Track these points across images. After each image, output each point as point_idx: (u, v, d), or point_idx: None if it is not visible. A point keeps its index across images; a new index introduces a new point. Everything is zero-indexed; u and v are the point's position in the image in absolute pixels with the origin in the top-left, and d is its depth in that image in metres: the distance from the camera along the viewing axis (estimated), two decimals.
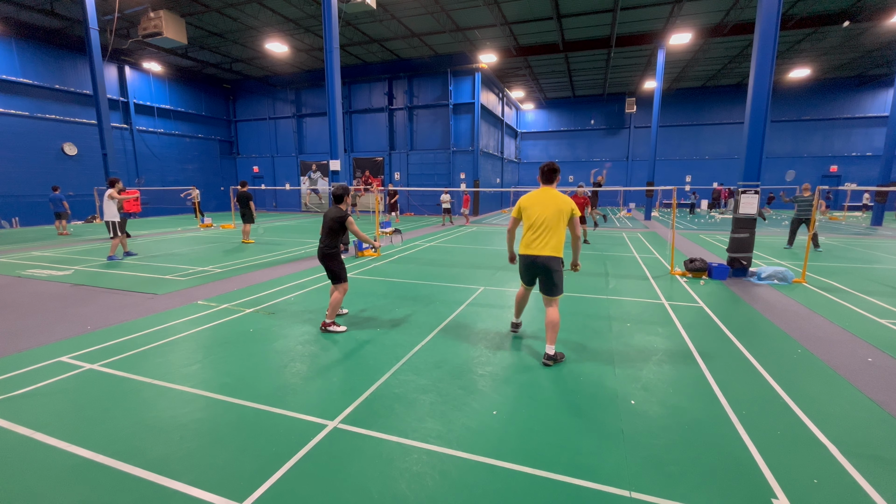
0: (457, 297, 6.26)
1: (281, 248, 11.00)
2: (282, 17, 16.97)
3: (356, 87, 24.37)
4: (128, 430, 2.88)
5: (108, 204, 8.97)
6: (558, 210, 3.63)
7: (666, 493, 2.28)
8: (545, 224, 3.63)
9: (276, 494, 2.28)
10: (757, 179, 7.36)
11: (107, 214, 9.00)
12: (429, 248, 11.07)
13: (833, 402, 3.24)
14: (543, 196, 3.71)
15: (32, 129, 17.67)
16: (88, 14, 12.05)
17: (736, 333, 4.72)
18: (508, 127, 30.05)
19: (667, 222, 18.61)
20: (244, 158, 28.37)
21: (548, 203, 3.67)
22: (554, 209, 3.63)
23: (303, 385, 3.53)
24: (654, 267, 8.51)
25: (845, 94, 26.33)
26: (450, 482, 2.37)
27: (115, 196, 8.97)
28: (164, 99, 23.53)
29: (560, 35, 18.44)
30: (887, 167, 15.99)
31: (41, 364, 3.91)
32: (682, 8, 15.66)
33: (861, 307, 5.70)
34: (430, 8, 15.97)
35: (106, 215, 9.00)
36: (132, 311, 5.53)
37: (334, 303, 4.70)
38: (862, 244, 11.54)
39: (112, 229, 9.10)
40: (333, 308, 4.71)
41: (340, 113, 10.18)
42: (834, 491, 2.30)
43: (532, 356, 4.09)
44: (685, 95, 29.10)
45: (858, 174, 26.28)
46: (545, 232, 3.63)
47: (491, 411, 3.11)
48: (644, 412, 3.09)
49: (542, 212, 3.65)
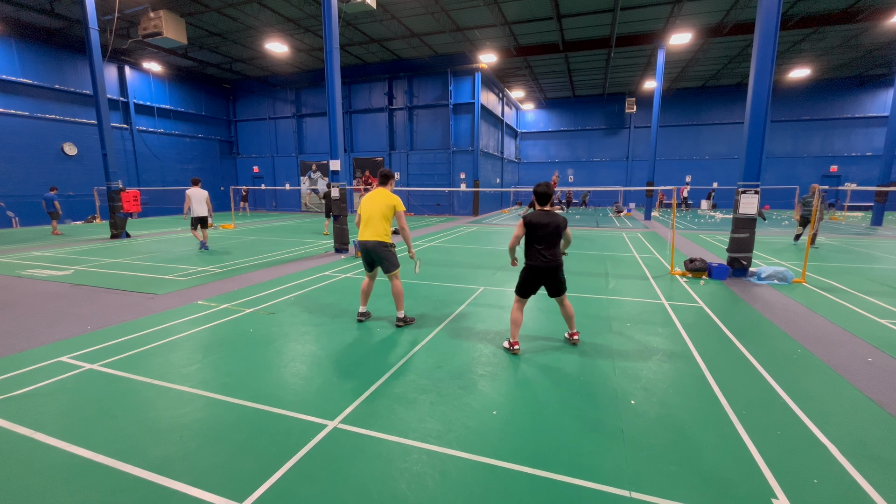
0: (457, 296, 6.26)
1: (284, 247, 10.99)
2: (282, 17, 16.97)
3: (356, 87, 24.37)
4: (128, 430, 2.89)
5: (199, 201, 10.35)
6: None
7: (666, 493, 2.28)
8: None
9: (276, 494, 2.28)
10: (757, 179, 7.36)
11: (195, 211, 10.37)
12: (429, 248, 11.07)
13: (833, 402, 3.23)
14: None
15: (32, 129, 17.66)
16: (88, 14, 12.03)
17: (736, 333, 4.72)
18: (508, 127, 30.04)
19: (667, 222, 18.60)
20: (244, 158, 28.36)
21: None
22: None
23: (303, 385, 3.53)
24: (654, 267, 8.51)
25: (845, 94, 26.32)
26: (450, 482, 2.37)
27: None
28: (164, 99, 23.53)
29: (560, 35, 18.43)
30: (887, 167, 15.98)
31: (41, 364, 3.91)
32: (682, 8, 15.65)
33: (861, 307, 5.70)
34: (430, 8, 15.97)
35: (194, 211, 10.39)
36: (132, 311, 5.53)
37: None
38: (862, 244, 11.54)
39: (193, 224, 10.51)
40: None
41: (340, 113, 10.17)
42: (834, 491, 2.30)
43: (532, 356, 4.10)
44: (685, 95, 29.08)
45: (858, 174, 26.26)
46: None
47: (491, 411, 3.11)
48: (644, 412, 3.09)
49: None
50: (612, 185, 30.62)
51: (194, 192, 10.27)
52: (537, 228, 4.03)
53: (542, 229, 4.02)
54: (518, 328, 4.19)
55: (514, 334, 4.19)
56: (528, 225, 4.06)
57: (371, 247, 4.65)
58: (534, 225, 4.04)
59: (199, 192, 10.38)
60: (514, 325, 4.19)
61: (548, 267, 4.04)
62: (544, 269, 4.06)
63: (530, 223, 4.05)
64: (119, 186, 13.07)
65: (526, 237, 4.14)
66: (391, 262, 4.72)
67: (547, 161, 33.04)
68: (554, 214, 4.09)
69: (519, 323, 4.19)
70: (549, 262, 4.04)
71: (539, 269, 4.07)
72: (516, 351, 4.16)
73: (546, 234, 4.02)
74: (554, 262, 4.05)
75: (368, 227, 4.65)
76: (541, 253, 4.05)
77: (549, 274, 4.08)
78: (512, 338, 4.21)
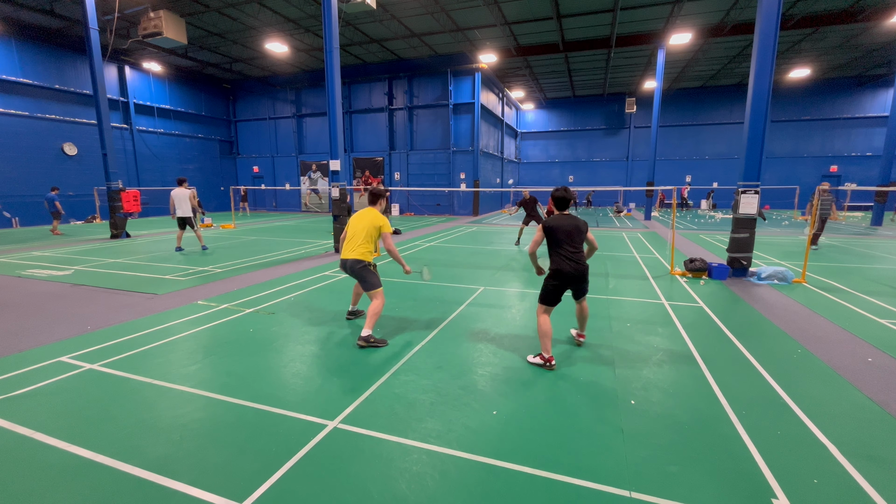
0: (457, 296, 6.26)
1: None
2: (282, 17, 16.97)
3: (356, 87, 24.37)
4: (128, 430, 2.88)
5: (183, 201, 10.05)
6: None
7: (666, 493, 2.28)
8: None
9: (276, 494, 2.28)
10: (757, 179, 7.36)
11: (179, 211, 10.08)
12: (429, 248, 11.07)
13: (833, 402, 3.23)
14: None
15: (32, 129, 17.66)
16: (88, 14, 12.03)
17: (736, 333, 4.72)
18: (508, 127, 30.04)
19: (667, 222, 18.60)
20: (244, 158, 28.37)
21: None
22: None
23: (303, 385, 3.53)
24: (654, 267, 8.51)
25: (845, 94, 26.31)
26: (450, 482, 2.37)
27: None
28: (164, 99, 23.52)
29: (560, 35, 18.44)
30: (887, 167, 15.99)
31: (41, 364, 3.91)
32: (682, 8, 15.66)
33: (861, 307, 5.70)
34: (430, 8, 15.97)
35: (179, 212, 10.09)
36: (132, 311, 5.53)
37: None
38: (862, 244, 11.54)
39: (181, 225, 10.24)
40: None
41: (340, 113, 10.17)
42: (834, 491, 2.30)
43: (530, 356, 4.09)
44: (685, 95, 29.08)
45: (858, 174, 26.25)
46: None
47: (491, 411, 3.11)
48: (644, 412, 3.09)
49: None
50: (612, 185, 30.61)
51: (176, 193, 9.99)
52: (557, 232, 3.89)
53: (562, 233, 3.88)
54: (550, 340, 3.87)
55: (548, 347, 3.84)
56: (548, 229, 3.92)
57: (349, 265, 4.54)
58: (554, 229, 3.90)
59: (181, 192, 10.01)
60: (545, 337, 3.85)
61: (577, 272, 3.89)
62: (574, 275, 3.89)
63: (550, 228, 3.91)
64: (119, 186, 13.07)
65: (548, 243, 3.99)
66: (369, 281, 4.55)
67: (547, 161, 33.05)
68: (574, 217, 3.98)
69: (550, 334, 3.87)
70: (579, 267, 3.89)
71: (568, 275, 3.89)
72: (553, 366, 3.80)
73: (569, 238, 3.88)
74: (582, 266, 3.91)
75: (349, 246, 4.56)
76: (568, 258, 3.88)
77: (579, 279, 3.94)
78: (546, 352, 3.84)
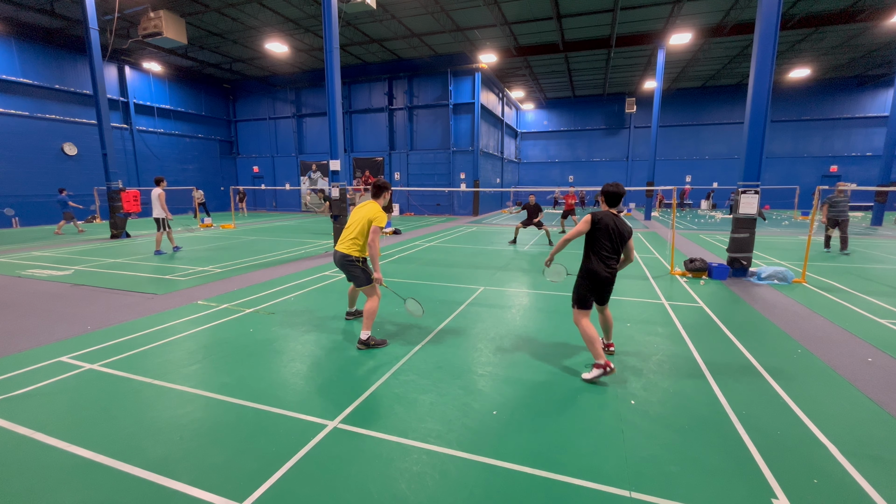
0: (457, 297, 6.26)
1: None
2: (282, 17, 16.97)
3: (356, 87, 24.37)
4: (128, 430, 2.88)
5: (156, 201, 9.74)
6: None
7: (666, 493, 2.28)
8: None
9: (276, 494, 2.28)
10: (757, 179, 7.35)
11: (154, 212, 9.81)
12: (429, 248, 11.07)
13: (833, 402, 3.23)
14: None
15: (32, 129, 17.65)
16: (88, 14, 12.03)
17: (736, 333, 4.72)
18: (508, 127, 30.03)
19: (667, 222, 18.60)
20: (244, 158, 28.36)
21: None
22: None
23: (303, 385, 3.53)
24: (654, 267, 8.51)
25: (845, 94, 26.31)
26: (450, 482, 2.37)
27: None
28: (164, 99, 23.52)
29: (560, 35, 18.43)
30: (887, 167, 15.98)
31: (41, 364, 3.91)
32: (682, 8, 15.65)
33: (861, 307, 5.70)
34: (430, 8, 15.97)
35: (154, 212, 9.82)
36: (132, 311, 5.53)
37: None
38: (862, 244, 11.54)
39: (159, 226, 9.97)
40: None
41: (340, 113, 10.17)
42: (834, 491, 2.30)
43: (532, 356, 4.10)
44: (685, 95, 29.08)
45: (858, 174, 26.25)
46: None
47: (491, 411, 3.11)
48: (644, 412, 3.09)
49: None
50: None
51: (152, 194, 9.75)
52: (603, 232, 3.59)
53: (608, 232, 3.59)
54: (600, 344, 3.58)
55: (600, 352, 3.54)
56: (596, 225, 3.61)
57: (337, 259, 4.41)
58: (601, 228, 3.59)
59: (154, 192, 9.71)
60: (594, 342, 3.55)
61: (610, 278, 3.67)
62: (606, 280, 3.66)
63: (598, 223, 3.59)
64: (119, 186, 13.08)
65: (588, 241, 3.70)
66: (357, 277, 4.40)
67: (547, 161, 33.05)
68: (622, 220, 3.70)
69: (597, 337, 3.57)
70: (613, 274, 3.67)
71: (602, 280, 3.65)
72: (612, 370, 3.50)
73: (610, 239, 3.60)
74: (613, 273, 3.68)
75: (342, 238, 4.42)
76: (603, 261, 3.61)
77: (608, 284, 3.71)
78: (600, 358, 3.52)
